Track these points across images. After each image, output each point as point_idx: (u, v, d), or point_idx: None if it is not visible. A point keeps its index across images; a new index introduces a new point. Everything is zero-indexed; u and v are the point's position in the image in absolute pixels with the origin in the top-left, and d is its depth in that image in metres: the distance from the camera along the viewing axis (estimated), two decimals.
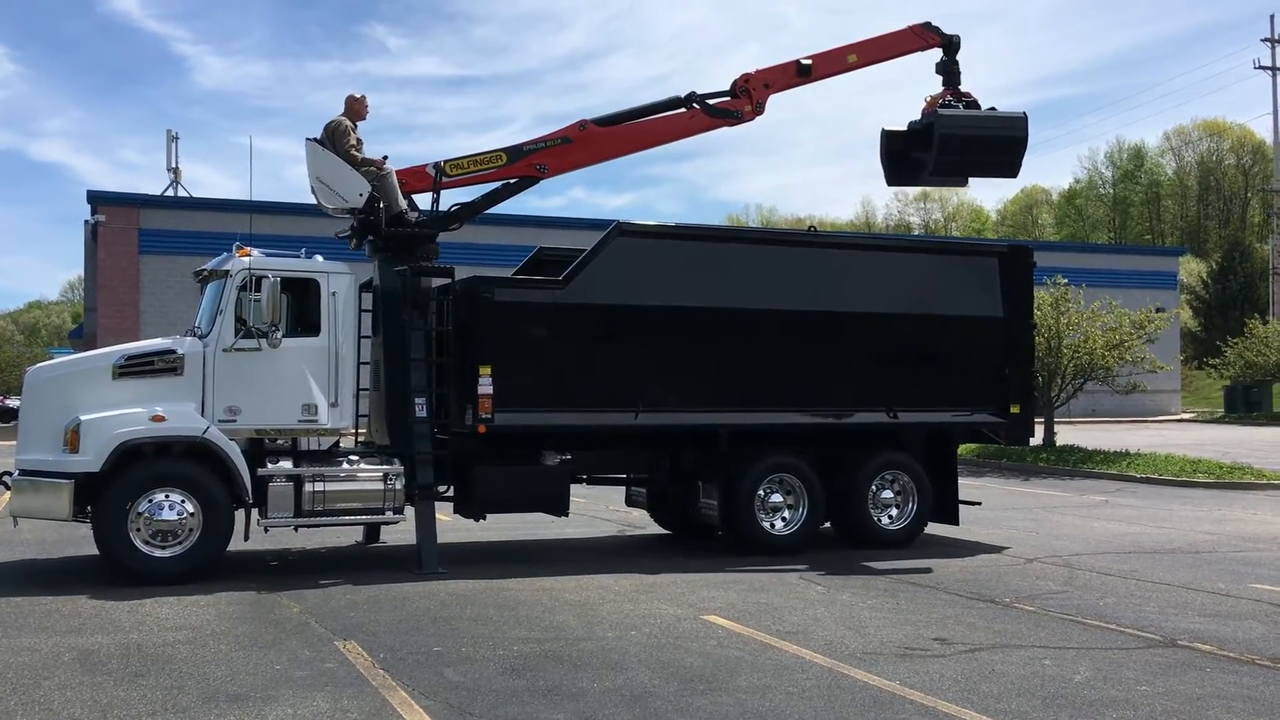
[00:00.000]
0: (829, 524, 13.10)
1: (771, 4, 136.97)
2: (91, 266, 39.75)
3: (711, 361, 12.31)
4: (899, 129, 14.16)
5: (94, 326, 37.45)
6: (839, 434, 13.03)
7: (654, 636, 8.37)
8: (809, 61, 13.61)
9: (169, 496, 10.31)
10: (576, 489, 12.47)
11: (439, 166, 12.42)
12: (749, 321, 12.44)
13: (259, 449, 11.07)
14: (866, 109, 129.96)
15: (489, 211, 13.34)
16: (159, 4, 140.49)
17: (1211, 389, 53.54)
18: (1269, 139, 67.85)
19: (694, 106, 13.23)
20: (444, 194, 12.52)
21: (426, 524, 11.28)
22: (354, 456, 11.48)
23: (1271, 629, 8.85)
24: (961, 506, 13.62)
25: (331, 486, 10.95)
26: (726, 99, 13.37)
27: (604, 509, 16.22)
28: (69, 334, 69.01)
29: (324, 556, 12.36)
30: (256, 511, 10.94)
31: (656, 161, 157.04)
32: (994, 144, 13.71)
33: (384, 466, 11.24)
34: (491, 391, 11.34)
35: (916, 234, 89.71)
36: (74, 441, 10.20)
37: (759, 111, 13.42)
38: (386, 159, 12.13)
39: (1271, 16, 56.66)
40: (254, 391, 10.83)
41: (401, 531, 12.05)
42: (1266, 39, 56.97)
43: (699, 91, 13.23)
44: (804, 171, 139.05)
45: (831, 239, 17.95)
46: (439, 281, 12.26)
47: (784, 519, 12.58)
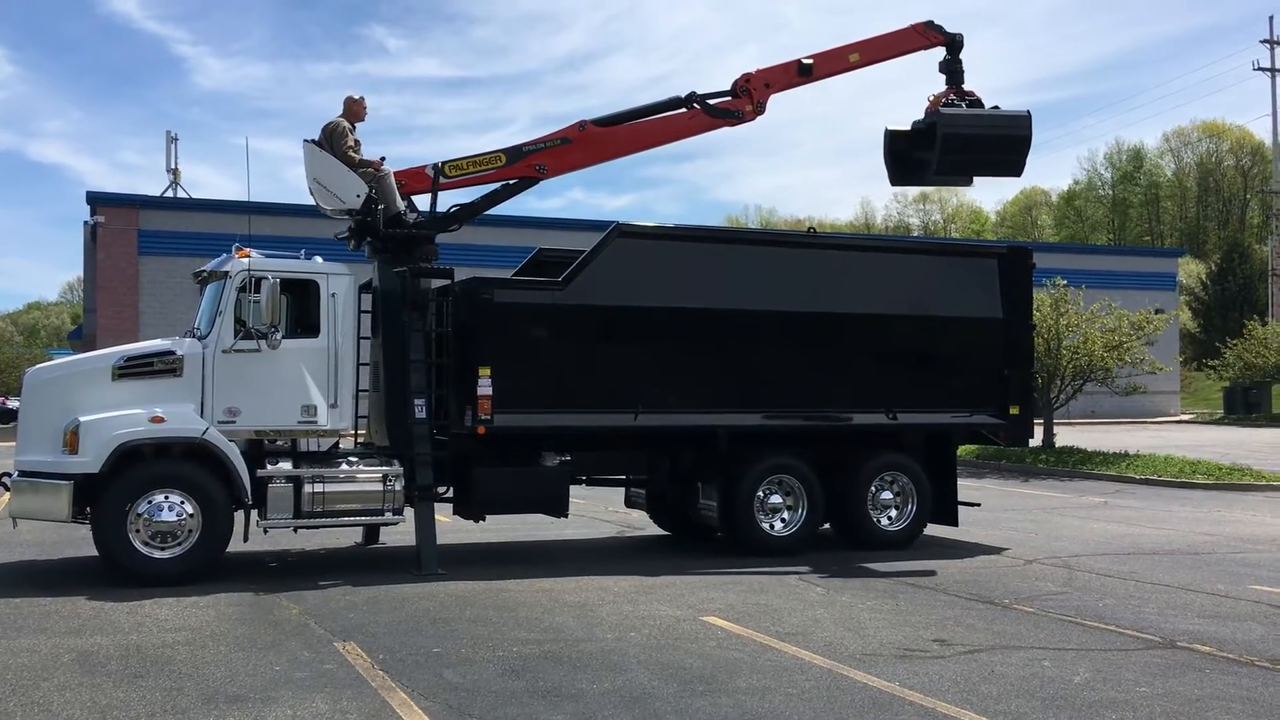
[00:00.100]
0: (828, 525, 13.10)
1: (771, 4, 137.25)
2: (91, 267, 39.72)
3: (711, 363, 12.31)
4: (902, 129, 14.08)
5: (93, 328, 37.41)
6: (838, 435, 13.04)
7: (653, 638, 8.37)
8: (810, 61, 13.56)
9: (168, 498, 10.31)
10: (576, 490, 12.49)
11: (438, 167, 12.41)
12: (748, 323, 12.45)
13: (258, 450, 11.08)
14: (866, 110, 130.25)
15: (488, 213, 13.33)
16: (158, 5, 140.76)
17: (1211, 390, 53.57)
18: (1268, 140, 67.97)
19: (694, 106, 13.18)
20: (444, 195, 12.54)
21: (426, 525, 11.28)
22: (353, 458, 11.48)
23: (1271, 630, 8.86)
24: (961, 507, 13.63)
25: (331, 488, 10.96)
26: (727, 99, 13.33)
27: (603, 510, 16.22)
28: (68, 335, 68.97)
29: (323, 558, 12.36)
30: (256, 513, 10.94)
31: (656, 162, 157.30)
32: (997, 143, 13.64)
33: (383, 468, 11.24)
34: (491, 392, 11.35)
35: (916, 235, 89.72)
36: (73, 443, 10.21)
37: (760, 111, 13.37)
38: (384, 160, 12.14)
39: (1270, 18, 56.97)
40: (253, 393, 10.84)
41: (401, 533, 12.05)
42: (1265, 40, 57.17)
43: (699, 91, 13.19)
44: (803, 173, 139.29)
45: (831, 240, 17.95)
46: (438, 282, 12.27)
47: (783, 520, 12.59)
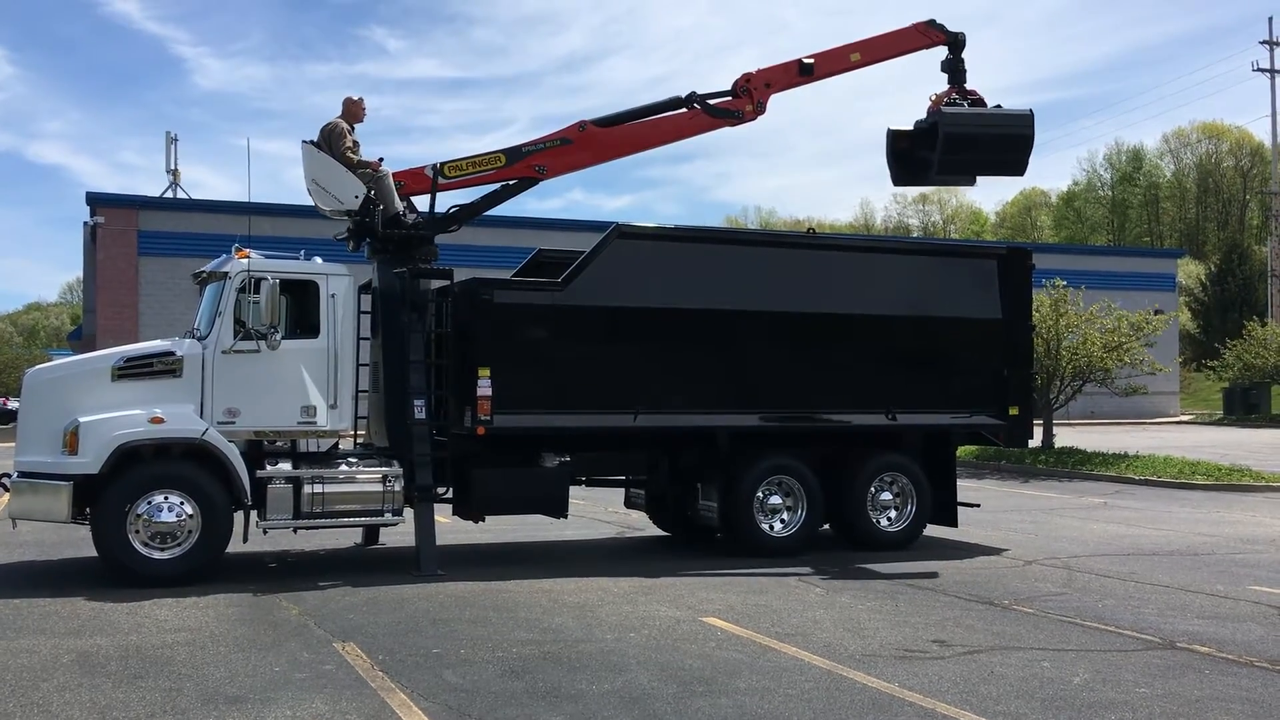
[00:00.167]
0: (828, 526, 13.10)
1: (770, 6, 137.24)
2: (90, 268, 39.73)
3: (711, 363, 12.31)
4: (905, 129, 14.04)
5: (93, 328, 37.42)
6: (838, 436, 13.04)
7: (653, 638, 8.37)
8: (811, 60, 13.52)
9: (168, 498, 10.31)
10: (575, 491, 12.49)
11: (437, 168, 12.41)
12: (748, 323, 12.44)
13: (258, 451, 11.09)
14: (865, 111, 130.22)
15: (488, 213, 13.34)
16: (158, 6, 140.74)
17: (1210, 391, 53.57)
18: (1267, 141, 68.06)
19: (694, 107, 13.17)
20: (443, 196, 12.53)
21: (425, 526, 11.27)
22: (353, 458, 11.49)
23: (1270, 631, 8.86)
24: (960, 508, 13.61)
25: (330, 488, 10.96)
26: (727, 99, 13.31)
27: (603, 511, 16.22)
28: (68, 336, 68.89)
29: (323, 558, 12.36)
30: (255, 513, 10.93)
31: (655, 163, 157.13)
32: (1000, 142, 13.60)
33: (383, 468, 11.24)
34: (490, 393, 11.34)
35: (915, 236, 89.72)
36: (73, 443, 10.20)
37: (760, 111, 13.34)
38: (382, 161, 12.14)
39: (1270, 19, 57.01)
40: (253, 393, 10.83)
41: (400, 533, 12.05)
42: (1265, 41, 57.18)
43: (699, 92, 13.17)
44: (803, 173, 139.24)
45: (830, 241, 17.97)
46: (438, 283, 12.26)
47: (783, 521, 12.58)
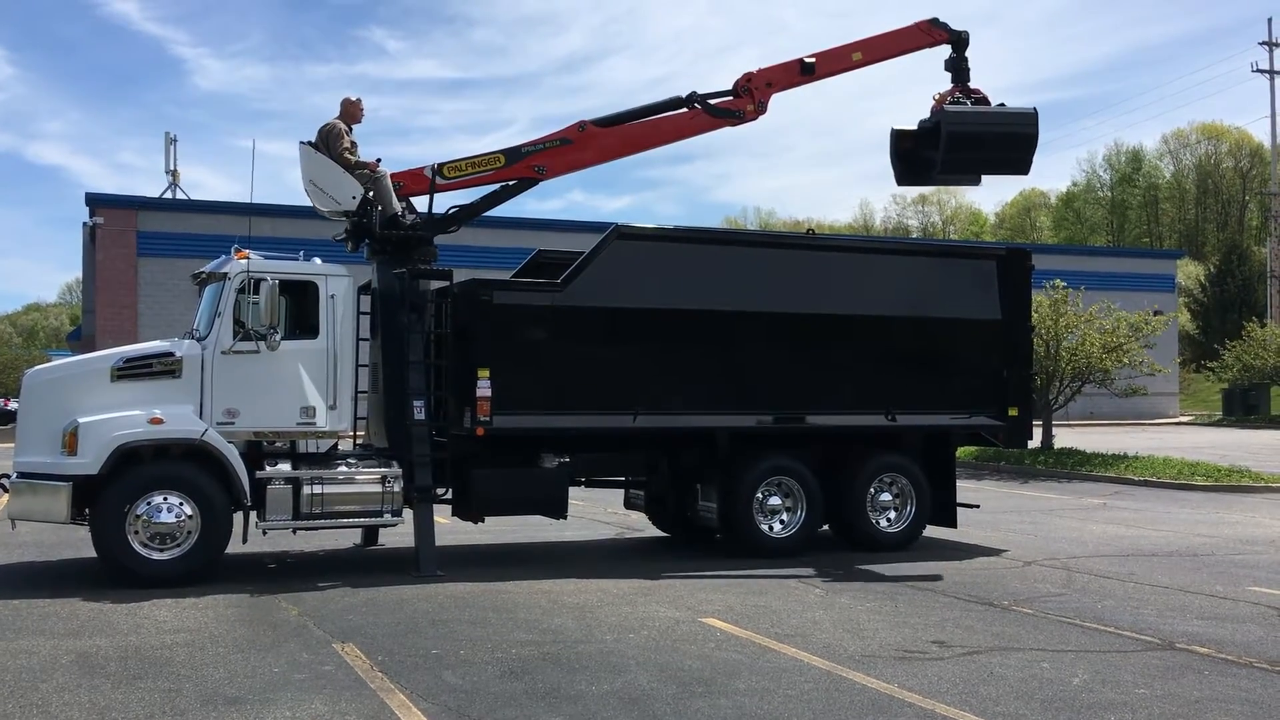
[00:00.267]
0: (827, 526, 13.10)
1: (770, 7, 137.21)
2: (90, 269, 39.72)
3: (710, 364, 12.31)
4: (908, 128, 13.99)
5: (92, 329, 37.40)
6: (837, 436, 13.04)
7: (653, 639, 8.37)
8: (812, 60, 13.48)
9: (167, 499, 10.31)
10: (575, 491, 12.49)
11: (436, 169, 12.40)
12: (748, 324, 12.44)
13: (257, 451, 11.09)
14: (865, 111, 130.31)
15: (487, 214, 13.33)
16: (158, 6, 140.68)
17: (1209, 392, 53.60)
18: (1267, 142, 68.11)
19: (695, 106, 13.14)
20: (443, 196, 12.53)
21: (425, 526, 11.26)
22: (352, 459, 11.49)
23: (1269, 632, 8.86)
24: (960, 509, 13.62)
25: (330, 489, 10.95)
26: (728, 98, 13.28)
27: (602, 511, 16.22)
28: (67, 336, 68.85)
29: (322, 559, 12.35)
30: (255, 514, 10.93)
31: (655, 164, 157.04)
32: (1004, 141, 13.54)
33: (382, 469, 11.24)
34: (490, 394, 11.34)
35: (915, 236, 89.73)
36: (72, 444, 10.20)
37: (761, 111, 13.30)
38: (380, 161, 12.14)
39: (1269, 20, 57.06)
40: (252, 394, 10.83)
41: (400, 534, 12.04)
42: (1264, 42, 57.21)
43: (700, 91, 13.15)
44: (802, 174, 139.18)
45: (830, 241, 17.98)
46: (437, 284, 12.26)
47: (782, 521, 12.58)
